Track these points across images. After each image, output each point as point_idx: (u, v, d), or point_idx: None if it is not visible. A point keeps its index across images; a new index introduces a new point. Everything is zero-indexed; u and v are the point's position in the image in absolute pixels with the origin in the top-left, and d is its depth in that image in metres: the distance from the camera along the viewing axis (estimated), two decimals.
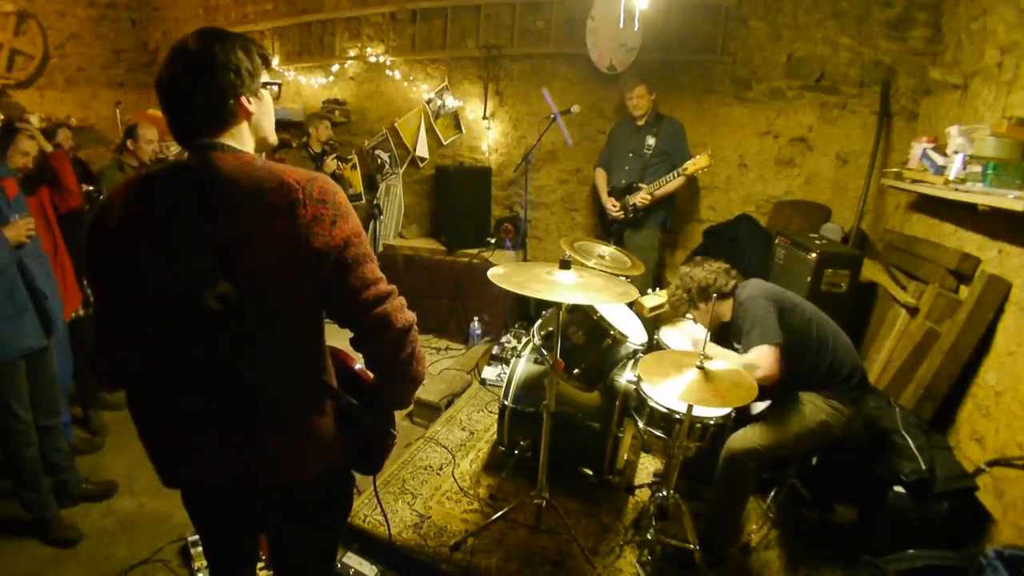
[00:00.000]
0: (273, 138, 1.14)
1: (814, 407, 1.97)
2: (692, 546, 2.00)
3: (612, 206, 3.64)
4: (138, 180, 1.03)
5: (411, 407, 3.23)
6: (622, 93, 3.67)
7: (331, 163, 4.09)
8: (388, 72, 4.70)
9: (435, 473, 2.59)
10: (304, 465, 1.13)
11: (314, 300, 1.05)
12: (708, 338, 1.95)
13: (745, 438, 2.00)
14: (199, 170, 0.98)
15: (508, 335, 3.95)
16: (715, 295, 2.08)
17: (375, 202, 4.72)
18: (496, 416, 2.61)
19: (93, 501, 2.44)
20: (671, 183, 3.40)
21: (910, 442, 2.11)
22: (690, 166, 3.25)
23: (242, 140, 1.05)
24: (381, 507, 2.10)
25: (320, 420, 1.13)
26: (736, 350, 2.14)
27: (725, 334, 2.24)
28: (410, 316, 1.11)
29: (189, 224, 0.96)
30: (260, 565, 1.84)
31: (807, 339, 2.02)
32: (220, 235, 0.95)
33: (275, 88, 1.11)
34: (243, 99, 1.03)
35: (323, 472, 1.17)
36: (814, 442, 2.02)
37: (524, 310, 4.25)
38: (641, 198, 3.49)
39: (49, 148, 2.67)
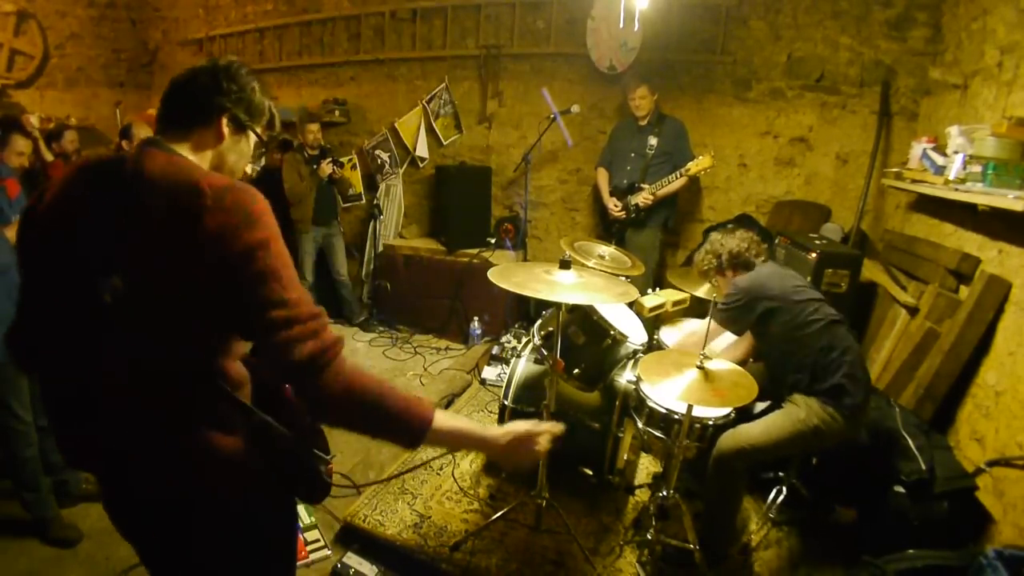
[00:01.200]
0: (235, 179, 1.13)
1: (809, 410, 1.93)
2: (692, 546, 2.00)
3: (614, 206, 3.65)
4: (78, 167, 1.03)
5: None
6: (624, 93, 3.68)
7: (326, 167, 4.07)
8: (388, 72, 4.70)
9: (435, 473, 2.59)
10: (192, 480, 1.01)
11: (215, 311, 0.95)
12: (709, 329, 1.95)
13: (733, 438, 1.98)
14: (131, 163, 0.97)
15: (508, 335, 3.95)
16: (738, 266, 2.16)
17: (375, 202, 4.72)
18: (496, 416, 2.61)
19: (93, 501, 2.43)
20: (673, 183, 3.41)
21: (910, 442, 2.11)
22: (693, 167, 3.25)
23: (201, 157, 1.05)
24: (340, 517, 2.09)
25: (217, 436, 1.00)
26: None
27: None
28: (319, 344, 0.93)
29: (102, 214, 0.96)
30: None
31: (791, 343, 1.99)
32: (125, 228, 0.94)
33: (260, 147, 1.13)
34: (225, 116, 1.06)
35: (224, 495, 1.04)
36: (805, 446, 1.98)
37: (524, 310, 4.25)
38: (643, 198, 3.49)
39: (50, 157, 2.66)
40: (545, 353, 2.25)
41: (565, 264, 1.93)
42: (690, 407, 1.89)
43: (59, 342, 1.02)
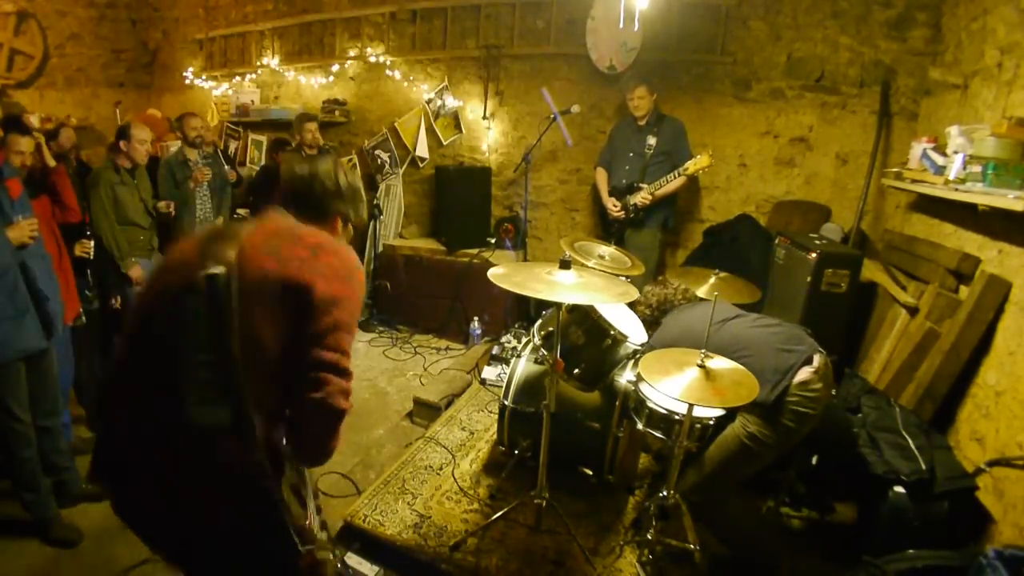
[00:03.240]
0: None
1: (743, 421, 1.91)
2: (692, 546, 2.00)
3: (613, 206, 3.65)
4: (202, 234, 1.21)
5: (410, 413, 3.24)
6: (623, 94, 3.68)
7: None
8: (388, 72, 4.71)
9: (435, 473, 2.59)
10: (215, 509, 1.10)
11: (292, 349, 1.09)
12: (709, 334, 1.95)
13: (686, 478, 2.01)
14: (260, 219, 1.23)
15: (508, 335, 3.95)
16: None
17: (375, 202, 4.71)
18: (496, 416, 2.61)
19: (93, 501, 2.44)
20: (672, 183, 3.41)
21: (910, 442, 2.11)
22: (691, 166, 3.25)
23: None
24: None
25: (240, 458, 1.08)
26: None
27: None
28: (345, 405, 1.11)
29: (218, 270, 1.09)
30: None
31: None
32: (238, 250, 1.10)
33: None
34: (339, 217, 1.35)
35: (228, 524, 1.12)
36: (757, 455, 1.91)
37: (524, 310, 4.25)
38: (642, 198, 3.49)
39: (52, 162, 2.65)
40: (545, 353, 2.25)
41: (565, 264, 1.93)
42: (691, 407, 1.88)
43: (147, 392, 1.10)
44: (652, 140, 3.55)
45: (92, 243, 2.78)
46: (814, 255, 2.67)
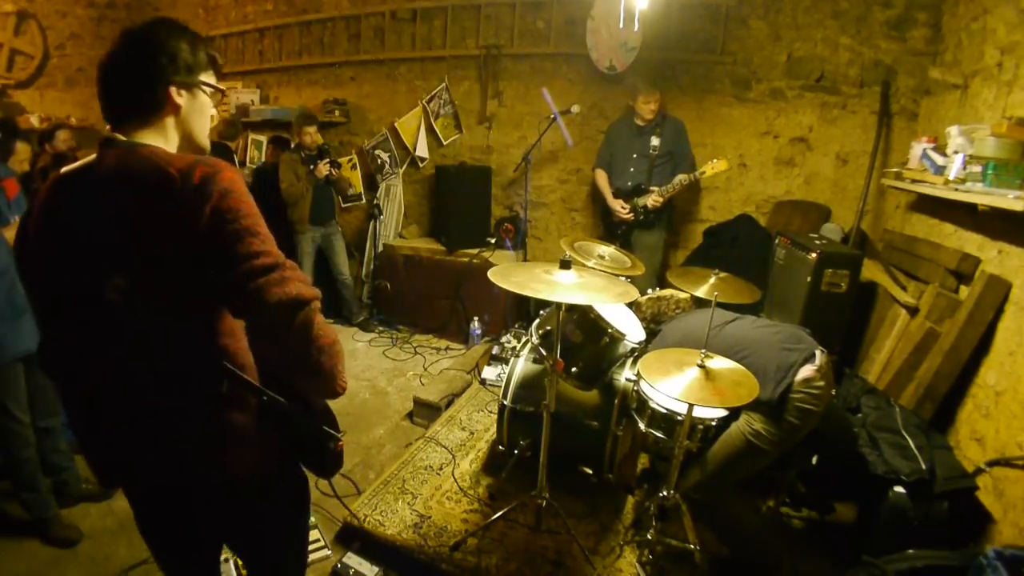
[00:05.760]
0: (203, 141, 1.15)
1: (748, 419, 1.92)
2: (692, 546, 2.00)
3: (621, 208, 3.64)
4: (54, 182, 1.04)
5: (412, 409, 3.24)
6: (633, 96, 3.66)
7: (323, 168, 4.06)
8: (388, 72, 4.70)
9: (435, 473, 2.59)
10: (224, 462, 1.08)
11: (205, 284, 0.97)
12: (709, 338, 1.95)
13: (688, 476, 2.03)
14: (96, 167, 0.99)
15: (508, 335, 3.95)
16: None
17: (375, 202, 4.72)
18: (496, 416, 2.61)
19: (93, 501, 2.44)
20: (683, 185, 3.42)
21: (910, 442, 2.10)
22: (708, 169, 3.27)
23: (166, 134, 1.06)
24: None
25: (236, 415, 1.05)
26: None
27: None
28: (294, 289, 0.94)
29: (86, 220, 0.98)
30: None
31: None
32: (113, 228, 0.96)
33: (218, 94, 1.16)
34: (172, 88, 1.04)
35: (253, 473, 1.12)
36: (760, 454, 1.91)
37: (524, 310, 4.25)
38: (653, 200, 3.49)
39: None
40: (544, 353, 2.25)
41: (565, 264, 1.93)
42: (691, 407, 1.88)
43: (80, 351, 1.06)
44: (656, 141, 3.56)
45: None
46: (814, 255, 2.67)
